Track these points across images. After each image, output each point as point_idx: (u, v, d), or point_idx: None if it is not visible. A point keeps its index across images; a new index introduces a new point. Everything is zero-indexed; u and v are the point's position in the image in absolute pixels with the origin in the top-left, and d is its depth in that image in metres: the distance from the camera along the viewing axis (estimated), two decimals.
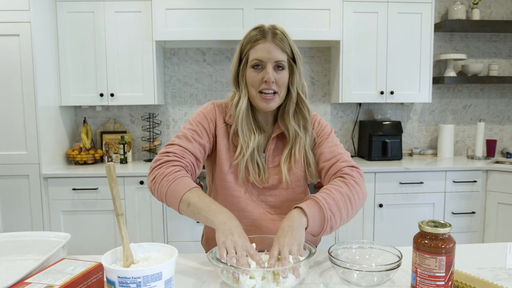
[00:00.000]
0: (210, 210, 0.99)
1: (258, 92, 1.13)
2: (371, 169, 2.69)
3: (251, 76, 1.13)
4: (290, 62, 1.14)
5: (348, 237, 2.70)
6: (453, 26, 3.03)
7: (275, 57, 1.10)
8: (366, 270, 0.91)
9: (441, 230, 0.79)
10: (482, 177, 2.78)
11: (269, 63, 1.10)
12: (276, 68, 1.11)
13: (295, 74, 1.14)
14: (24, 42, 2.46)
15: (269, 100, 1.12)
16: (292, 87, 1.15)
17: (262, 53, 1.10)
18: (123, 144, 2.95)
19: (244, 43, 1.15)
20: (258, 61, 1.11)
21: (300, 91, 1.17)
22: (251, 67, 1.13)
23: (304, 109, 1.19)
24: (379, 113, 3.22)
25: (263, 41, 1.11)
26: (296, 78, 1.15)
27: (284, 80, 1.13)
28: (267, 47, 1.10)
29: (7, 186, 2.54)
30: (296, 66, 1.14)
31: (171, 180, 1.04)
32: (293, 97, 1.16)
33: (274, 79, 1.11)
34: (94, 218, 2.60)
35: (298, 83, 1.16)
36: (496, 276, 0.96)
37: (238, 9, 2.70)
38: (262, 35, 1.11)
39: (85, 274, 0.82)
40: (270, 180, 1.20)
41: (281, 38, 1.11)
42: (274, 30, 1.12)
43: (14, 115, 2.51)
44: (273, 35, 1.11)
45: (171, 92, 3.15)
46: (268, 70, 1.10)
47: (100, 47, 2.75)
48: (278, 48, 1.10)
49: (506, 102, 3.36)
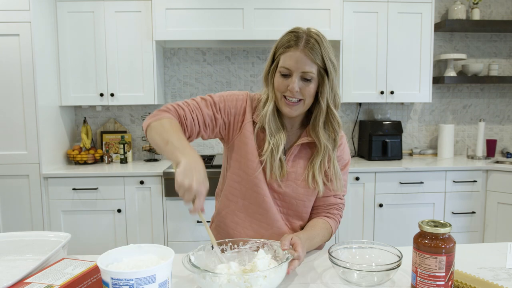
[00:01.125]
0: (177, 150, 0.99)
1: (283, 97, 1.12)
2: (371, 169, 2.69)
3: (278, 81, 1.12)
4: (321, 72, 1.10)
5: (348, 237, 2.70)
6: (453, 26, 3.03)
7: (303, 68, 1.07)
8: (366, 270, 0.91)
9: (441, 230, 0.79)
10: (482, 177, 2.78)
11: (295, 73, 1.08)
12: (303, 79, 1.09)
13: (325, 85, 1.11)
14: (24, 42, 2.46)
15: (292, 106, 1.12)
16: (321, 98, 1.12)
17: (290, 62, 1.08)
18: (123, 144, 2.95)
19: (277, 46, 1.13)
20: (286, 70, 1.09)
21: (331, 103, 1.14)
22: (279, 73, 1.11)
23: (335, 122, 1.17)
24: (379, 113, 3.22)
25: (294, 49, 1.08)
26: (326, 89, 1.11)
27: (310, 90, 1.10)
28: (296, 57, 1.07)
29: (7, 186, 2.54)
30: (328, 77, 1.10)
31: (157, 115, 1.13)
32: (322, 108, 1.14)
33: (299, 89, 1.09)
34: (94, 218, 2.60)
35: (329, 95, 1.12)
36: (496, 276, 0.96)
37: (238, 9, 2.69)
38: (294, 42, 1.08)
39: (85, 274, 0.82)
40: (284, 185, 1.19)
41: (313, 48, 1.07)
42: (308, 38, 1.08)
43: (14, 115, 2.51)
44: (306, 43, 1.07)
45: (171, 92, 3.15)
46: (293, 80, 1.08)
47: (100, 47, 2.75)
48: (307, 59, 1.07)
49: (506, 102, 3.36)
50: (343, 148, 1.25)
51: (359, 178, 2.67)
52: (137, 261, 0.83)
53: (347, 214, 2.69)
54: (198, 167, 0.93)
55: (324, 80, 1.10)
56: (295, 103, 1.11)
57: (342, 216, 1.27)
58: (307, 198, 1.21)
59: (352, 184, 2.69)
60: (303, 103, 1.12)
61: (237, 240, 1.04)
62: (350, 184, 2.68)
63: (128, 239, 2.62)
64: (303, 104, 1.12)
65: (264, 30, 2.71)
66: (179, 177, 0.89)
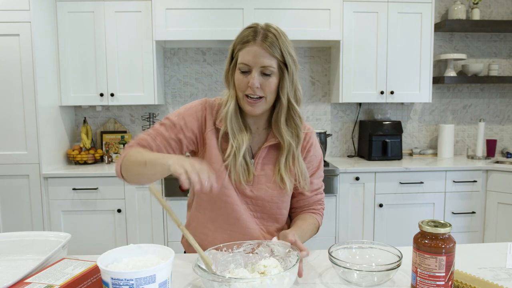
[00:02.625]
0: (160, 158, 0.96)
1: (244, 95, 1.10)
2: (371, 169, 2.69)
3: (238, 79, 1.09)
4: (281, 66, 1.08)
5: (348, 237, 2.70)
6: (453, 26, 3.03)
7: (261, 62, 1.05)
8: (366, 270, 0.91)
9: (441, 230, 0.79)
10: (482, 177, 2.78)
11: (255, 68, 1.06)
12: (263, 74, 1.07)
13: (285, 79, 1.09)
14: (24, 42, 2.46)
15: (253, 104, 1.09)
16: (282, 94, 1.10)
17: (248, 57, 1.06)
18: (123, 144, 2.95)
19: (235, 43, 1.11)
20: (245, 65, 1.07)
21: (292, 98, 1.12)
22: (238, 70, 1.09)
23: (296, 117, 1.14)
24: (379, 113, 3.21)
25: (251, 44, 1.06)
26: (287, 84, 1.09)
27: (271, 86, 1.08)
28: (254, 51, 1.05)
29: (7, 186, 2.54)
30: (288, 71, 1.09)
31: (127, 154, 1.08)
32: (283, 104, 1.11)
33: (260, 85, 1.07)
34: (94, 218, 2.60)
35: (289, 89, 1.10)
36: (496, 276, 0.96)
37: (238, 9, 2.69)
38: (252, 37, 1.06)
39: (85, 274, 0.82)
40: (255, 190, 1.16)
41: (272, 42, 1.05)
42: (265, 32, 1.07)
43: (14, 115, 2.51)
44: (263, 37, 1.06)
45: (171, 92, 3.15)
46: (253, 75, 1.06)
47: (100, 47, 2.75)
48: (266, 53, 1.05)
49: (506, 102, 3.36)
50: (314, 146, 1.24)
51: (359, 178, 2.67)
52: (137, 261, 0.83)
53: (347, 214, 2.70)
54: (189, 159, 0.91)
55: (284, 75, 1.08)
56: (256, 100, 1.09)
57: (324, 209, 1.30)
58: (280, 200, 1.19)
59: (352, 184, 2.69)
60: (265, 100, 1.10)
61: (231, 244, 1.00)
62: (350, 184, 2.68)
63: (128, 239, 2.62)
64: (265, 101, 1.10)
65: None
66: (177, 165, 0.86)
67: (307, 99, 3.21)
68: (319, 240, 2.67)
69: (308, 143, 1.22)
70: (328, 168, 2.63)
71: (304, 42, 3.00)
